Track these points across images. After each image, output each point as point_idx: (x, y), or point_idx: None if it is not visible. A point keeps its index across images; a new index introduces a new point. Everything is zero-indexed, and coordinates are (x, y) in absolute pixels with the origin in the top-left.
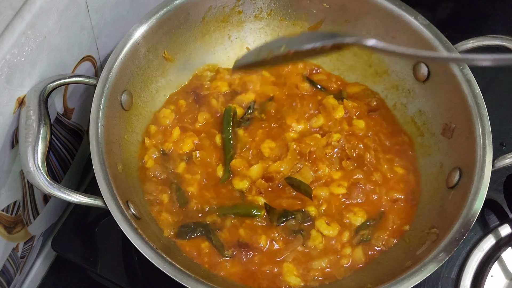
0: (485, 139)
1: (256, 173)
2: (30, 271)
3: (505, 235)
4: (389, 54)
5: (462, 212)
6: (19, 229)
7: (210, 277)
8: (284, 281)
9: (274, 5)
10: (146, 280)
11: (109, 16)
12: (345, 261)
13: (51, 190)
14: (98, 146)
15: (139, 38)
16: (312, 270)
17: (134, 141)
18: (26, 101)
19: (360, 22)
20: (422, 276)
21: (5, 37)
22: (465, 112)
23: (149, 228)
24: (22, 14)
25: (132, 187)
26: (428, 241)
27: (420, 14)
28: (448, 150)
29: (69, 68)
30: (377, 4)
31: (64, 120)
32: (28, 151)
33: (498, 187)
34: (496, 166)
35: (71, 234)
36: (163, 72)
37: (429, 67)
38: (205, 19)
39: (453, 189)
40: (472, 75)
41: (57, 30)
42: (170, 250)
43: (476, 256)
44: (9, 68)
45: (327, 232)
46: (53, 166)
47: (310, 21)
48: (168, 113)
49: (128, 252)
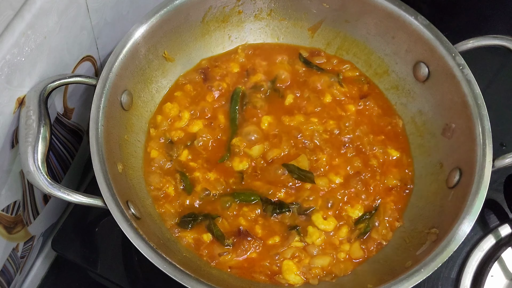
0: (485, 139)
1: (257, 152)
2: (30, 271)
3: (505, 235)
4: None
5: (462, 212)
6: (19, 229)
7: (210, 275)
8: (283, 278)
9: (274, 5)
10: (146, 280)
11: (109, 16)
12: (344, 257)
13: (51, 190)
14: (98, 146)
15: (139, 38)
16: (310, 267)
17: (134, 141)
18: (26, 101)
19: (360, 22)
20: (422, 276)
21: (5, 37)
22: (465, 112)
23: (149, 228)
24: (22, 14)
25: (132, 187)
26: (428, 241)
27: (420, 14)
28: (448, 150)
29: (69, 68)
30: (377, 4)
31: (64, 120)
32: (28, 151)
33: (498, 187)
34: (496, 166)
35: (71, 234)
36: (163, 72)
37: (429, 67)
38: (205, 19)
39: (453, 189)
40: (472, 75)
41: (57, 30)
42: (170, 249)
43: (476, 256)
44: (9, 68)
45: (324, 226)
46: (53, 166)
47: (310, 21)
48: (173, 105)
49: (128, 252)
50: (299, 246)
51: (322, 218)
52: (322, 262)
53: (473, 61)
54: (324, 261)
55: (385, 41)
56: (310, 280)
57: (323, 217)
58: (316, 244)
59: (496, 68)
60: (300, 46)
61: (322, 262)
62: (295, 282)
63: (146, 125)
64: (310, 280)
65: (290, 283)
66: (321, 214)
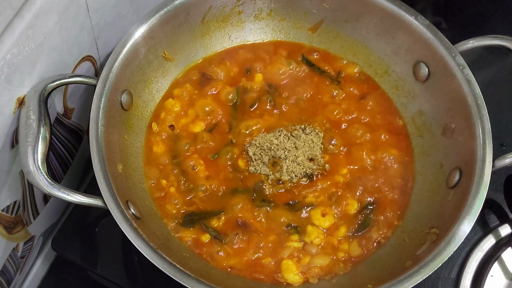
0: (485, 139)
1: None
2: (30, 271)
3: (505, 235)
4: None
5: (462, 212)
6: (19, 229)
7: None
8: (283, 277)
9: (274, 5)
10: (146, 280)
11: (109, 16)
12: (343, 256)
13: (51, 190)
14: (98, 146)
15: (139, 38)
16: (310, 266)
17: (134, 141)
18: (26, 101)
19: (360, 22)
20: (422, 276)
21: (5, 37)
22: (465, 112)
23: (149, 228)
24: (22, 14)
25: (132, 187)
26: (428, 241)
27: (420, 14)
28: (448, 150)
29: (69, 68)
30: (377, 4)
31: (64, 120)
32: (28, 151)
33: (498, 187)
34: (496, 166)
35: (71, 234)
36: (163, 72)
37: (429, 67)
38: (205, 19)
39: (453, 189)
40: (472, 75)
41: (57, 30)
42: (170, 249)
43: (476, 256)
44: (9, 68)
45: (323, 223)
46: (53, 166)
47: (310, 21)
48: (175, 102)
49: (128, 252)
50: (298, 246)
51: (320, 215)
52: (322, 261)
53: (473, 61)
54: (323, 260)
55: (385, 41)
56: (310, 279)
57: (322, 213)
58: (315, 243)
59: (496, 68)
60: (300, 45)
61: (322, 261)
62: (294, 282)
63: (146, 125)
64: (310, 279)
65: (289, 282)
66: (321, 210)
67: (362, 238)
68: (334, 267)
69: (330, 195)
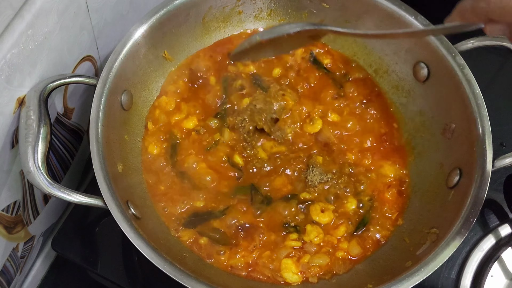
0: (485, 139)
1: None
2: (30, 271)
3: (505, 235)
4: (359, 36)
5: (462, 212)
6: (19, 229)
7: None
8: (282, 277)
9: (274, 5)
10: (146, 280)
11: (109, 16)
12: (342, 255)
13: (51, 190)
14: (98, 146)
15: (139, 38)
16: (309, 265)
17: (134, 141)
18: (26, 101)
19: (360, 22)
20: (422, 276)
21: (5, 37)
22: (465, 112)
23: (149, 228)
24: (22, 14)
25: (132, 187)
26: (428, 241)
27: (420, 14)
28: (448, 150)
29: (69, 68)
30: (377, 4)
31: (64, 120)
32: (28, 151)
33: (498, 187)
34: (496, 166)
35: (71, 234)
36: (163, 72)
37: (429, 67)
38: (205, 19)
39: (453, 189)
40: (472, 75)
41: (57, 30)
42: (170, 249)
43: (476, 256)
44: (9, 68)
45: (322, 219)
46: (53, 166)
47: (310, 21)
48: (169, 99)
49: (128, 252)
50: (297, 245)
51: (319, 211)
52: (321, 260)
53: (473, 61)
54: (323, 259)
55: (385, 41)
56: (310, 279)
57: (321, 209)
58: (314, 243)
59: (496, 68)
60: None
61: (321, 260)
62: (294, 281)
63: (145, 124)
64: (309, 279)
65: (289, 281)
66: (320, 206)
67: (361, 238)
68: (334, 267)
69: (328, 193)
